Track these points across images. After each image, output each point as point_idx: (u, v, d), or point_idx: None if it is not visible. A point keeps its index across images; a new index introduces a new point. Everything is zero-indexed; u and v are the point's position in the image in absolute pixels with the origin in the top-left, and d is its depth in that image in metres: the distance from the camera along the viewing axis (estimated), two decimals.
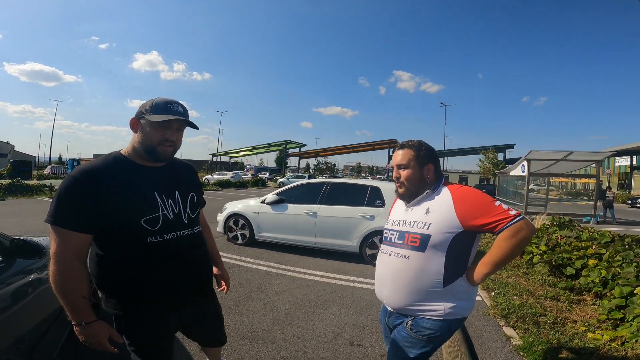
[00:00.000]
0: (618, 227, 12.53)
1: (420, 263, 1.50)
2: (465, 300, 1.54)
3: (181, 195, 1.50)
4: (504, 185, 20.18)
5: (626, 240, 4.95)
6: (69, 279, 1.27)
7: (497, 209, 1.42)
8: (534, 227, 1.41)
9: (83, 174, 1.30)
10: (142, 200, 1.37)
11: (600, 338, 2.94)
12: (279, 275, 4.81)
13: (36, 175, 30.20)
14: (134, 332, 1.45)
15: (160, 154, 1.41)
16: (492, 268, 1.45)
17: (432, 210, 1.53)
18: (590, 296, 4.14)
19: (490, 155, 37.49)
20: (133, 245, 1.36)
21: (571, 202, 23.02)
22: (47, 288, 2.20)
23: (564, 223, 7.29)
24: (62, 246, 1.25)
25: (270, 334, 3.08)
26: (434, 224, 1.49)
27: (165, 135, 1.39)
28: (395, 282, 1.57)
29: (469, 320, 3.51)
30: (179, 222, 1.46)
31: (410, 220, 1.58)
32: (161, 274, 1.41)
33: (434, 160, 1.63)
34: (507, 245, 1.38)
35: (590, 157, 14.95)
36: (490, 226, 1.41)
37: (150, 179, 1.43)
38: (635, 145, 37.59)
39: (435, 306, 1.50)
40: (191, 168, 1.70)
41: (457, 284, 1.50)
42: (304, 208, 6.02)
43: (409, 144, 1.63)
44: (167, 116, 1.37)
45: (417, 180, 1.59)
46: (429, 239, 1.48)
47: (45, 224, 1.28)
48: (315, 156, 58.26)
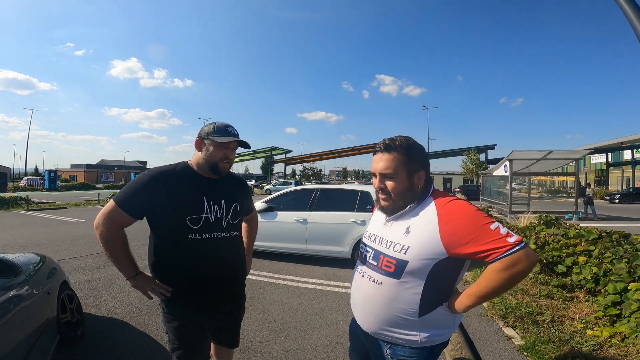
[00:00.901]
0: (600, 223, 12.87)
1: (393, 291, 1.28)
2: (443, 328, 1.32)
3: (226, 204, 1.73)
4: (487, 185, 20.51)
5: (614, 237, 5.04)
6: (113, 242, 1.60)
7: (492, 234, 1.14)
8: (535, 258, 1.14)
9: (152, 173, 1.63)
10: (191, 202, 1.62)
11: (600, 335, 2.95)
12: (271, 284, 4.70)
13: (12, 188, 29.11)
14: (174, 316, 1.68)
15: (221, 170, 1.69)
16: (477, 301, 1.22)
17: (412, 229, 1.27)
18: (582, 293, 4.18)
19: (473, 157, 38.22)
20: (177, 238, 1.62)
21: (552, 200, 23.57)
22: (31, 302, 2.08)
23: (550, 221, 7.41)
24: (112, 220, 1.58)
25: (268, 346, 2.98)
26: (413, 248, 1.24)
27: (226, 154, 1.68)
28: (365, 307, 1.38)
29: (468, 321, 3.49)
30: (218, 225, 1.68)
31: (388, 240, 1.33)
32: (197, 266, 1.65)
33: (425, 166, 1.35)
34: (498, 278, 1.14)
35: (569, 156, 15.40)
36: (481, 255, 1.15)
37: (204, 186, 1.69)
38: (610, 142, 39.00)
39: (410, 336, 1.29)
40: (242, 183, 1.94)
41: (436, 312, 1.28)
42: (294, 215, 5.94)
43: (395, 145, 1.31)
44: (229, 138, 1.65)
45: (406, 191, 1.31)
46: (405, 265, 1.24)
47: (20, 239, 1.26)
48: (301, 162, 58.13)
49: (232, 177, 1.86)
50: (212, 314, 1.76)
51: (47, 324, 2.29)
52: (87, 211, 13.98)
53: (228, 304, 1.82)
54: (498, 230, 1.14)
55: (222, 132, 1.66)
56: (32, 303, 2.18)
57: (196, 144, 1.71)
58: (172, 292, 1.65)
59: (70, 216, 12.04)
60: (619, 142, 39.70)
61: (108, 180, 60.59)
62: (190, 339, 1.71)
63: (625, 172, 38.13)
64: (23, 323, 1.99)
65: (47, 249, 6.60)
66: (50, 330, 2.35)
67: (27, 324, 2.03)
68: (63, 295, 2.82)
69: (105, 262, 5.71)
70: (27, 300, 2.11)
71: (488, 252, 1.13)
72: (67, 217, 11.68)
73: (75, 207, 15.69)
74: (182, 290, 1.66)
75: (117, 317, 3.49)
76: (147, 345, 2.93)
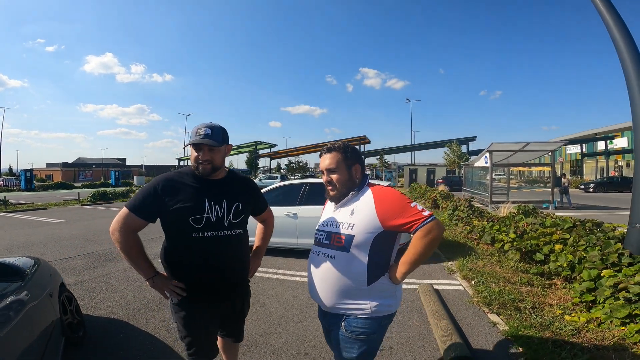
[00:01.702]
0: (575, 211, 13.44)
1: (345, 262, 1.58)
2: (389, 298, 1.62)
3: (227, 204, 1.82)
4: (468, 176, 21.02)
5: (587, 225, 5.33)
6: (129, 246, 1.72)
7: (412, 210, 1.51)
8: (443, 228, 1.53)
9: (159, 179, 1.78)
10: (192, 204, 1.74)
11: (577, 320, 3.19)
12: (264, 278, 4.80)
13: None
14: (181, 307, 1.82)
15: (201, 171, 1.78)
16: (409, 267, 1.54)
17: (356, 211, 1.61)
18: (560, 280, 4.45)
19: (455, 148, 38.93)
20: (183, 237, 1.76)
21: (530, 190, 24.35)
22: (36, 304, 2.12)
23: (528, 211, 7.73)
24: (126, 225, 1.71)
25: (268, 339, 3.10)
26: (358, 225, 1.57)
27: (200, 157, 1.75)
28: (323, 282, 1.65)
29: (456, 309, 3.70)
30: (219, 224, 1.79)
31: (337, 222, 1.67)
32: (201, 262, 1.77)
33: (360, 160, 1.73)
34: (421, 244, 1.49)
35: (545, 147, 15.99)
36: (406, 226, 1.50)
37: (205, 188, 1.79)
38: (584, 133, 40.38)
39: (362, 304, 1.58)
40: (248, 183, 2.03)
41: (380, 282, 1.59)
42: (284, 210, 6.02)
43: (334, 147, 1.71)
44: (195, 139, 1.73)
45: (346, 181, 1.67)
46: (352, 239, 1.57)
47: (2, 242, 1.40)
48: (286, 156, 57.96)
49: (236, 177, 1.97)
50: (215, 307, 1.89)
51: (53, 326, 2.33)
52: (67, 211, 13.70)
53: (230, 299, 1.94)
54: (416, 207, 1.53)
55: (193, 134, 1.77)
56: (40, 305, 2.23)
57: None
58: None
59: (50, 217, 11.78)
60: (592, 133, 41.23)
61: (86, 178, 59.02)
62: (196, 328, 1.87)
63: (599, 162, 39.67)
64: (35, 326, 2.04)
65: (32, 252, 6.51)
66: (57, 332, 2.39)
67: (39, 326, 2.08)
68: (63, 297, 2.85)
69: (94, 262, 5.70)
70: (36, 303, 2.15)
71: (410, 223, 1.50)
72: (48, 218, 11.43)
73: (55, 207, 15.31)
74: (188, 284, 1.79)
75: (115, 317, 3.53)
76: (150, 343, 3.00)
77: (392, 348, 2.92)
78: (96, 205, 16.25)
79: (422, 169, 36.09)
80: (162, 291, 1.81)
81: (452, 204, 10.64)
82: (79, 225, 9.82)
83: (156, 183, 1.76)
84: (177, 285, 1.78)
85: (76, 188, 31.68)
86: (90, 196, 18.17)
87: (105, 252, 6.45)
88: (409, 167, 37.16)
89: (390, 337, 3.04)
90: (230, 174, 1.94)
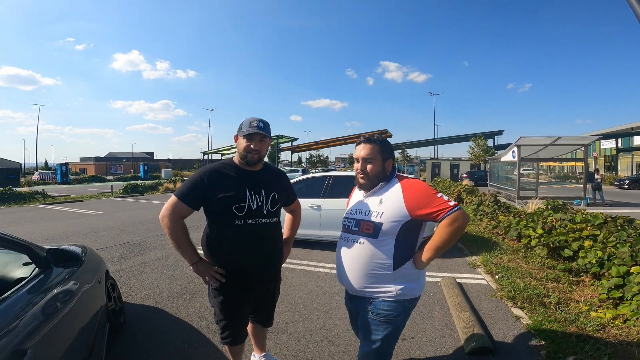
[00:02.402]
0: (607, 208, 12.94)
1: (373, 248, 1.69)
2: (413, 282, 1.73)
3: (265, 193, 1.98)
4: (495, 171, 20.55)
5: (618, 222, 5.19)
6: (177, 232, 1.89)
7: (438, 200, 1.61)
8: (467, 217, 1.62)
9: (204, 170, 1.92)
10: (235, 193, 1.89)
11: (603, 316, 3.15)
12: (289, 269, 4.96)
13: (25, 183, 29.71)
14: (219, 292, 1.98)
15: (249, 160, 1.94)
16: (434, 253, 1.65)
17: (384, 200, 1.71)
18: (588, 277, 4.36)
19: (480, 142, 37.94)
20: (226, 224, 1.91)
21: (560, 186, 23.55)
22: (89, 290, 2.30)
23: (557, 206, 7.56)
24: (175, 212, 1.88)
25: (293, 326, 3.23)
26: (386, 213, 1.67)
27: (251, 146, 1.92)
28: (352, 266, 1.76)
29: (479, 302, 3.71)
30: (259, 212, 1.95)
31: (366, 210, 1.76)
32: (242, 248, 1.93)
33: (393, 156, 1.83)
34: (446, 232, 1.59)
35: (578, 142, 15.32)
36: (433, 215, 1.60)
37: (245, 178, 1.95)
38: (619, 128, 38.44)
39: (387, 288, 1.69)
40: (281, 175, 2.20)
41: (406, 267, 1.70)
42: (308, 202, 6.13)
43: (374, 139, 1.78)
44: (249, 130, 1.90)
45: (379, 173, 1.76)
46: (381, 227, 1.67)
47: (44, 232, 1.42)
48: (307, 149, 58.20)
49: (270, 169, 2.13)
50: (252, 291, 2.05)
51: (101, 312, 2.49)
52: (102, 203, 14.36)
53: (266, 282, 2.12)
54: (442, 197, 1.62)
55: (246, 125, 1.93)
56: (93, 291, 2.41)
57: (234, 139, 2.02)
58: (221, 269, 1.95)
59: (87, 208, 12.40)
60: (629, 128, 39.11)
61: (117, 172, 61.28)
62: (232, 312, 2.02)
63: (635, 158, 37.66)
64: (90, 309, 2.22)
65: (72, 241, 6.93)
66: (104, 318, 2.54)
67: (92, 310, 2.25)
68: (107, 284, 2.99)
69: (130, 252, 6.02)
70: (90, 288, 2.33)
71: (437, 212, 1.59)
72: (85, 210, 12.04)
73: (90, 199, 16.07)
74: (228, 269, 1.95)
75: (151, 304, 3.74)
76: (183, 329, 3.17)
77: (413, 338, 2.99)
78: (128, 198, 16.96)
79: (446, 163, 35.43)
80: (203, 276, 1.97)
81: (477, 199, 10.48)
82: (114, 217, 10.32)
83: (202, 173, 1.91)
84: (217, 271, 1.93)
85: (108, 181, 33.11)
86: (122, 189, 18.98)
87: (139, 242, 6.79)
88: (431, 162, 36.57)
89: (411, 328, 3.11)
90: (265, 166, 2.09)
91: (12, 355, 1.25)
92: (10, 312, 1.43)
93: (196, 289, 4.19)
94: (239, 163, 2.00)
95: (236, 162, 2.01)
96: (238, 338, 2.10)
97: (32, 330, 1.44)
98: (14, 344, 1.30)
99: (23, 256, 1.99)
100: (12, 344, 1.28)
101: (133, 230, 8.04)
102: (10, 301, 1.50)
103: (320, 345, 2.90)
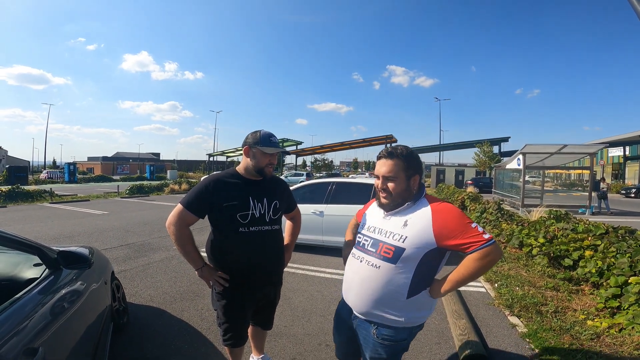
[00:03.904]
0: (613, 217, 12.86)
1: (389, 274, 1.53)
2: (424, 310, 1.61)
3: (268, 201, 2.06)
4: (500, 178, 20.49)
5: (619, 232, 5.19)
6: (183, 239, 1.95)
7: (472, 231, 1.44)
8: (501, 252, 1.47)
9: (210, 180, 1.99)
10: (240, 201, 1.97)
11: (599, 325, 3.18)
12: (290, 273, 5.02)
13: (33, 181, 30.08)
14: (222, 295, 2.05)
15: (266, 173, 2.05)
16: (455, 285, 1.51)
17: (410, 223, 1.53)
18: (587, 286, 4.38)
19: (486, 149, 37.81)
20: (230, 231, 1.99)
21: (566, 194, 23.33)
22: (96, 291, 2.39)
23: (560, 216, 7.54)
24: (180, 219, 1.94)
25: (291, 330, 3.29)
26: (410, 239, 1.50)
27: (270, 160, 2.03)
28: (361, 289, 1.61)
29: (476, 310, 3.75)
30: (262, 220, 2.03)
31: (387, 230, 1.59)
32: (245, 254, 2.01)
33: (420, 171, 1.63)
34: (474, 266, 1.43)
35: (584, 150, 15.25)
36: (463, 247, 1.44)
37: (249, 187, 2.03)
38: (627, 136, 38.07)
39: (397, 316, 1.55)
40: (282, 183, 2.26)
41: (420, 295, 1.56)
42: (311, 208, 6.20)
43: (397, 153, 1.59)
44: (274, 149, 2.01)
45: (403, 192, 1.59)
46: (402, 252, 1.51)
47: (51, 231, 1.57)
48: (312, 153, 58.25)
49: (272, 178, 2.19)
50: (253, 295, 2.12)
51: (106, 312, 2.57)
52: (108, 203, 14.53)
53: (267, 287, 2.18)
54: (477, 228, 1.46)
55: (267, 142, 2.01)
56: (100, 291, 2.49)
57: (245, 151, 2.07)
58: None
59: (93, 208, 12.56)
60: (637, 135, 38.76)
61: (124, 172, 61.86)
62: (234, 315, 2.10)
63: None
64: (96, 309, 2.30)
65: (79, 241, 7.05)
66: (108, 317, 2.62)
67: (98, 310, 2.33)
68: (113, 285, 3.05)
69: (134, 253, 6.12)
70: (97, 288, 2.42)
71: (468, 244, 1.43)
72: (91, 210, 12.20)
73: (97, 199, 16.26)
74: (231, 274, 2.02)
75: (154, 305, 3.82)
76: (185, 330, 3.25)
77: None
78: (134, 198, 17.14)
79: (451, 170, 35.34)
80: (207, 280, 2.05)
81: (480, 207, 10.47)
82: (119, 217, 10.45)
83: (207, 183, 1.98)
84: (221, 276, 2.01)
85: (115, 181, 33.36)
86: (128, 189, 19.20)
87: (144, 244, 6.89)
88: (436, 167, 36.45)
89: None
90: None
91: (25, 353, 1.32)
92: (24, 312, 1.51)
93: (198, 291, 4.26)
94: (243, 173, 2.07)
95: (240, 172, 2.08)
96: (239, 340, 2.17)
97: (44, 330, 1.51)
98: (26, 342, 1.37)
99: (34, 257, 2.07)
100: (23, 342, 1.36)
101: (138, 231, 8.16)
102: (24, 301, 1.58)
103: (317, 349, 2.95)
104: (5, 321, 1.37)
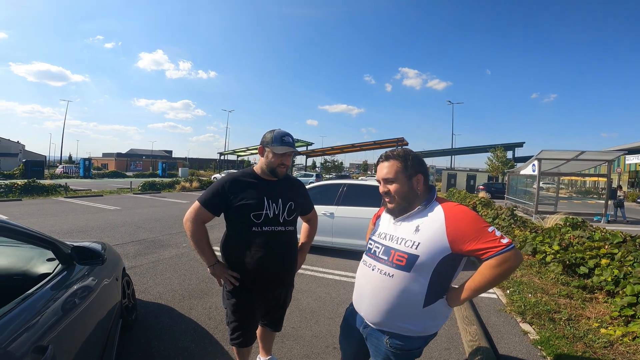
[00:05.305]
0: (629, 226, 12.56)
1: (404, 283, 1.45)
2: (441, 318, 1.53)
3: (283, 202, 2.05)
4: (513, 184, 20.18)
5: (637, 241, 5.06)
6: (198, 235, 1.99)
7: (489, 235, 1.36)
8: (521, 258, 1.38)
9: (227, 179, 2.02)
10: (254, 201, 1.97)
11: (613, 333, 3.10)
12: (299, 274, 5.00)
13: (48, 175, 30.77)
14: (232, 294, 2.06)
15: (278, 173, 2.04)
16: (472, 294, 1.43)
17: (422, 228, 1.45)
18: (602, 294, 4.27)
19: (499, 154, 37.32)
20: (243, 230, 1.99)
21: (581, 201, 22.88)
22: (107, 287, 2.41)
23: (576, 223, 7.39)
24: (198, 216, 1.98)
25: (299, 332, 3.28)
26: (423, 245, 1.42)
27: (282, 161, 2.02)
28: (375, 299, 1.53)
29: (487, 316, 3.68)
30: (275, 220, 2.02)
31: (398, 237, 1.51)
32: (258, 254, 1.99)
33: (422, 170, 1.55)
34: (492, 273, 1.35)
35: (601, 157, 14.91)
36: (479, 252, 1.36)
37: (264, 187, 2.03)
38: None
39: (412, 325, 1.48)
40: (299, 185, 2.26)
41: (436, 304, 1.48)
42: (322, 209, 6.17)
43: (393, 155, 1.55)
44: (285, 148, 1.98)
45: (407, 193, 1.52)
46: (416, 260, 1.42)
47: (64, 225, 1.62)
48: (322, 155, 58.31)
49: (288, 179, 2.19)
50: (264, 295, 2.10)
51: (116, 308, 2.58)
52: (121, 199, 14.74)
53: (278, 288, 2.16)
54: (494, 232, 1.37)
55: (279, 142, 1.99)
56: (111, 287, 2.51)
57: (259, 151, 2.08)
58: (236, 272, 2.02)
59: (106, 204, 12.75)
60: None
61: (137, 168, 62.80)
62: (243, 314, 2.09)
63: None
64: (107, 305, 2.31)
65: (91, 236, 7.16)
66: (118, 314, 2.64)
67: (108, 306, 2.35)
68: (123, 281, 3.06)
69: (145, 249, 6.18)
70: (109, 284, 2.43)
71: (485, 250, 1.35)
72: (104, 205, 12.39)
73: (110, 194, 16.53)
74: (243, 273, 2.01)
75: (163, 303, 3.83)
76: (192, 328, 3.25)
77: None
78: (146, 195, 17.36)
79: (462, 174, 34.96)
80: (219, 278, 2.06)
81: (492, 212, 10.32)
82: (131, 213, 10.59)
83: (224, 182, 2.01)
84: (232, 274, 2.02)
85: (128, 177, 33.95)
86: (140, 186, 19.48)
87: (154, 240, 6.96)
88: (447, 172, 36.11)
89: None
90: (284, 176, 2.13)
91: (35, 351, 1.33)
92: (36, 308, 1.52)
93: (207, 289, 4.28)
94: (260, 172, 2.08)
95: (256, 172, 2.09)
96: (247, 340, 2.15)
97: (54, 326, 1.52)
98: (36, 338, 1.38)
99: (47, 252, 2.08)
100: (34, 339, 1.36)
101: (149, 228, 8.25)
102: (36, 297, 1.59)
103: (325, 352, 2.93)
104: (17, 317, 1.38)
